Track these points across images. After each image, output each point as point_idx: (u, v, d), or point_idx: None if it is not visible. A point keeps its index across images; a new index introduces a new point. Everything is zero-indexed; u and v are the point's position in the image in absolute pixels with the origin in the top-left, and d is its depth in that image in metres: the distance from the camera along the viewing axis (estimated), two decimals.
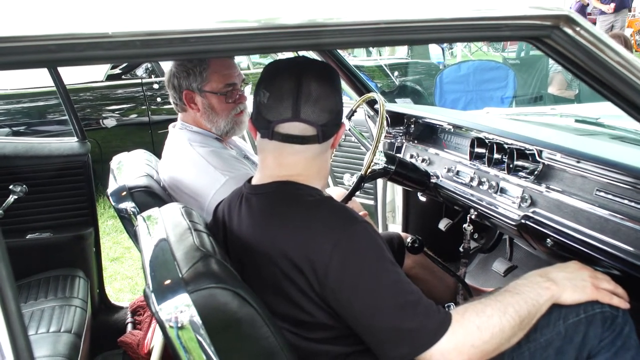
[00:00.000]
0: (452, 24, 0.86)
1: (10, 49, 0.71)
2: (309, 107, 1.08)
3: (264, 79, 1.13)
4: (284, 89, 1.08)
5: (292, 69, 1.11)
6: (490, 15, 0.85)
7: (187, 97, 1.72)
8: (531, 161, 1.55)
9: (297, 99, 1.08)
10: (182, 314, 0.89)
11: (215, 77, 1.69)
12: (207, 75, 1.68)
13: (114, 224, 4.10)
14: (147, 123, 4.75)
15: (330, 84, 1.13)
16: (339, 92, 1.16)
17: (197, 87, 1.70)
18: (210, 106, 1.71)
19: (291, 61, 1.14)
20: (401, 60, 6.21)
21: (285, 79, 1.09)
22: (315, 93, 1.09)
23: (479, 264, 2.42)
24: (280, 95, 1.09)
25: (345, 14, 0.83)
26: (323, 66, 1.17)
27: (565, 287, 1.08)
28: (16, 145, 2.16)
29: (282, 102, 1.08)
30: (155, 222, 1.24)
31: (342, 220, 1.06)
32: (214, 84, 1.69)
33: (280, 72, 1.12)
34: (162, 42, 0.77)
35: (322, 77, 1.12)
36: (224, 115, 1.72)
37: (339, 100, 1.15)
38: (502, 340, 1.01)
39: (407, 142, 2.21)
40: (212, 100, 1.70)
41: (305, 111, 1.08)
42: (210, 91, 1.69)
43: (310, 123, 1.10)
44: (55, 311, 1.77)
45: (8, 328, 0.62)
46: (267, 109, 1.10)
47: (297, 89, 1.08)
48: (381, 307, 1.00)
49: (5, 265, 0.63)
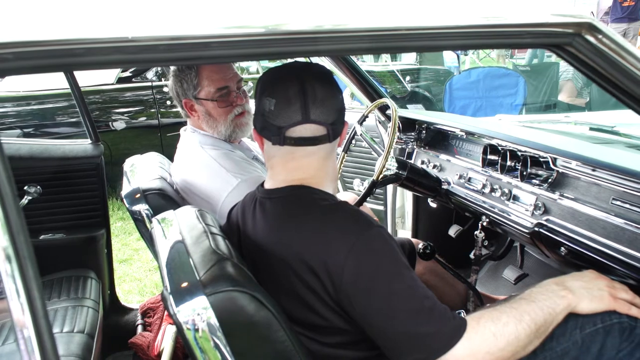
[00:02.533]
0: (472, 31, 0.86)
1: (35, 53, 0.72)
2: (317, 107, 1.10)
3: (265, 88, 1.14)
4: (290, 93, 1.10)
5: (292, 74, 1.12)
6: (511, 22, 0.85)
7: (186, 105, 1.73)
8: (545, 169, 1.54)
9: (305, 102, 1.09)
10: (199, 316, 0.89)
11: (207, 83, 1.68)
12: (198, 82, 1.68)
13: (123, 226, 4.12)
14: (156, 126, 4.78)
15: (330, 83, 1.15)
16: (339, 91, 1.18)
17: (192, 95, 1.70)
18: (207, 113, 1.71)
19: (289, 67, 1.16)
20: (412, 66, 6.21)
21: (288, 84, 1.10)
22: (320, 94, 1.11)
23: (489, 271, 2.41)
24: (287, 99, 1.10)
25: (364, 21, 0.84)
26: (320, 68, 1.19)
27: (582, 296, 1.08)
28: (31, 146, 2.18)
29: (291, 106, 1.10)
30: (170, 224, 1.24)
31: (358, 224, 1.07)
32: (206, 90, 1.69)
33: (281, 77, 1.13)
34: (186, 47, 0.78)
35: (322, 78, 1.14)
36: (221, 120, 1.71)
37: (341, 98, 1.17)
38: (517, 347, 1.00)
39: (418, 148, 2.21)
40: (208, 106, 1.70)
41: (314, 112, 1.10)
42: (204, 98, 1.69)
43: (320, 123, 1.12)
44: (68, 311, 1.78)
45: (35, 327, 0.62)
46: (275, 115, 1.11)
47: (302, 91, 1.09)
48: (396, 311, 0.99)
49: (32, 265, 0.64)
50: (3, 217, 0.64)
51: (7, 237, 0.64)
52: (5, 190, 0.64)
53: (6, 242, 0.64)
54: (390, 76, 5.84)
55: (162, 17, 0.78)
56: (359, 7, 0.86)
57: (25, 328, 0.64)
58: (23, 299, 0.64)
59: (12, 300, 0.64)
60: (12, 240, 0.64)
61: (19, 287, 0.64)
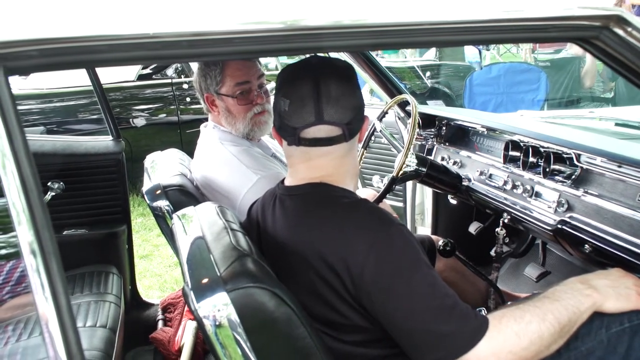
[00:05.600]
0: (495, 25, 0.84)
1: (59, 49, 0.73)
2: (331, 107, 1.08)
3: (281, 87, 1.12)
4: (303, 94, 1.08)
5: (307, 72, 1.10)
6: (535, 15, 0.84)
7: (208, 100, 1.74)
8: (569, 165, 1.51)
9: (318, 102, 1.07)
10: (220, 312, 0.90)
11: (229, 79, 1.69)
12: (221, 78, 1.69)
13: (143, 222, 4.18)
14: (176, 123, 4.83)
15: (347, 80, 1.12)
16: (357, 87, 1.14)
17: (214, 90, 1.71)
18: (227, 109, 1.72)
19: (305, 63, 1.13)
20: (432, 62, 6.15)
21: (302, 83, 1.08)
22: (335, 92, 1.08)
23: (510, 268, 2.38)
24: (301, 100, 1.08)
25: (387, 16, 0.83)
26: (337, 63, 1.16)
27: (608, 295, 1.05)
28: (55, 143, 2.22)
29: (304, 107, 1.08)
30: (190, 220, 1.25)
31: (378, 221, 1.06)
32: (228, 86, 1.69)
33: (296, 76, 1.11)
34: (207, 43, 0.78)
35: (338, 75, 1.11)
36: (240, 118, 1.71)
37: (359, 95, 1.14)
38: (541, 347, 0.99)
39: (438, 144, 2.19)
40: (228, 102, 1.71)
41: (328, 112, 1.08)
42: (225, 94, 1.70)
43: (334, 123, 1.09)
44: (91, 306, 1.81)
45: (59, 321, 0.63)
46: (290, 116, 1.10)
47: (316, 91, 1.07)
48: (416, 310, 0.98)
49: (56, 260, 0.65)
50: (28, 213, 0.65)
51: (32, 232, 0.65)
52: (31, 186, 0.65)
53: (31, 237, 0.65)
54: (409, 72, 5.79)
55: (184, 13, 0.78)
56: (381, 1, 0.85)
57: (50, 322, 0.65)
58: (48, 293, 0.65)
59: (37, 295, 0.65)
60: (37, 236, 0.65)
61: (44, 282, 0.65)
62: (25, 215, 0.64)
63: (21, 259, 0.65)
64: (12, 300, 1.33)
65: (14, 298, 1.31)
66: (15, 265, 1.23)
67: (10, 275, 1.24)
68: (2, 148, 0.63)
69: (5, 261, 1.24)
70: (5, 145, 0.63)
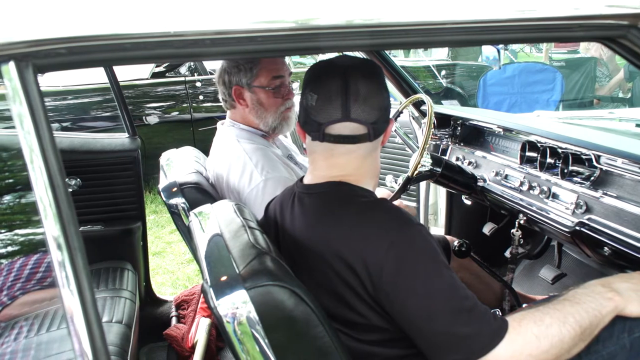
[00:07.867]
0: (520, 25, 0.84)
1: (87, 47, 0.73)
2: (358, 106, 1.08)
3: (309, 82, 1.12)
4: (332, 90, 1.08)
5: (337, 69, 1.10)
6: (560, 14, 0.83)
7: (236, 92, 1.74)
8: (587, 166, 1.50)
9: (346, 99, 1.07)
10: (239, 309, 0.90)
11: (264, 72, 1.71)
12: (257, 72, 1.71)
13: (156, 219, 4.20)
14: (188, 120, 4.85)
15: (376, 80, 1.12)
16: (385, 88, 1.15)
17: (247, 82, 1.72)
18: (258, 101, 1.73)
19: (335, 61, 1.13)
20: (446, 62, 6.12)
21: (331, 79, 1.09)
22: (364, 91, 1.08)
23: (524, 270, 2.36)
24: (329, 96, 1.08)
25: (406, 15, 0.83)
26: (367, 63, 1.16)
27: (631, 298, 1.04)
28: (72, 140, 2.24)
29: (331, 103, 1.08)
30: (207, 218, 1.25)
31: (397, 222, 1.05)
32: (263, 78, 1.71)
33: (325, 73, 1.11)
34: (230, 41, 0.78)
35: (368, 74, 1.11)
36: (272, 111, 1.74)
37: (386, 96, 1.14)
38: (561, 350, 0.97)
39: (453, 144, 2.18)
40: (261, 95, 1.73)
41: (355, 110, 1.08)
42: (259, 86, 1.72)
43: (360, 122, 1.09)
44: (107, 302, 1.82)
45: (84, 315, 0.64)
46: (316, 111, 1.10)
47: (345, 88, 1.07)
48: (435, 311, 0.98)
49: (82, 255, 0.66)
50: (55, 208, 0.65)
51: (58, 226, 0.66)
52: (57, 182, 0.66)
53: (57, 231, 0.66)
54: (424, 71, 5.76)
55: (207, 11, 0.78)
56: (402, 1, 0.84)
57: (75, 316, 0.65)
58: (73, 287, 0.66)
59: (63, 289, 0.65)
60: (64, 230, 0.66)
61: (70, 276, 0.66)
62: (52, 210, 0.65)
63: (47, 253, 0.66)
64: (22, 297, 1.34)
65: (25, 295, 1.32)
66: (25, 263, 1.24)
67: (20, 272, 1.25)
68: (30, 144, 0.64)
69: (16, 258, 1.25)
70: (34, 142, 0.64)
